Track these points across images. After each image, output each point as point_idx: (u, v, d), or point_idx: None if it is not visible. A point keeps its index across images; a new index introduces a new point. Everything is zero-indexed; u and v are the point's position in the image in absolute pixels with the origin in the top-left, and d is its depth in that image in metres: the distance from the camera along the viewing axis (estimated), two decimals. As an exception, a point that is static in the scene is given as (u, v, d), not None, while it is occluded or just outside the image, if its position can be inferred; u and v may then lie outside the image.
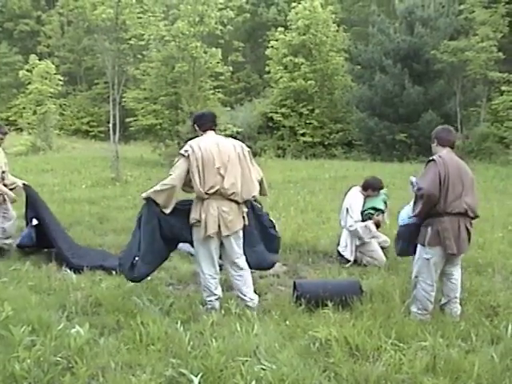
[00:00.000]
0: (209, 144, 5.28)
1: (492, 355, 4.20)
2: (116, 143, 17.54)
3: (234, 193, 5.27)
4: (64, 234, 7.70)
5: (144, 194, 5.39)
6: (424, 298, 5.13)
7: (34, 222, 7.46)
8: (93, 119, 40.19)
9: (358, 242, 7.38)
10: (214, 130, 5.50)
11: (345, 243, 7.44)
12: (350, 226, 7.33)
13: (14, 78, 37.07)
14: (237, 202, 5.35)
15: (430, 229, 5.02)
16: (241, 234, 5.47)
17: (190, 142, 5.35)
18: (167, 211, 5.29)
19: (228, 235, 5.32)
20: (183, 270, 6.80)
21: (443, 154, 5.11)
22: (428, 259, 5.07)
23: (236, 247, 5.45)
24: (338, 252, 7.52)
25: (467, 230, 5.09)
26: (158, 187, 5.27)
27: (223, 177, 5.22)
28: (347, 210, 7.44)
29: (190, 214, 5.37)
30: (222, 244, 5.41)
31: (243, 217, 5.44)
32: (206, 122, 5.49)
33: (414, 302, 5.21)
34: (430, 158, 5.09)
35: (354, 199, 7.51)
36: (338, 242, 7.61)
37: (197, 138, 5.40)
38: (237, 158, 5.33)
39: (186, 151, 5.23)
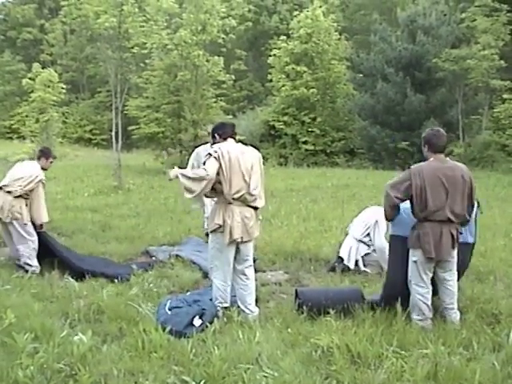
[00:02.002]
0: (234, 149, 5.37)
1: (493, 363, 4.21)
2: (118, 151, 17.59)
3: (255, 199, 5.39)
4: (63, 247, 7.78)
5: (173, 173, 5.35)
6: (419, 301, 5.15)
7: None
8: (95, 127, 40.19)
9: (363, 253, 7.36)
10: (233, 138, 5.56)
11: (347, 254, 7.35)
12: (381, 245, 7.22)
13: (17, 86, 37.11)
14: (255, 209, 5.45)
15: (414, 232, 5.14)
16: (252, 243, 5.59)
17: (217, 145, 5.40)
18: (190, 196, 5.30)
19: (247, 241, 5.42)
20: (185, 277, 6.81)
21: (425, 164, 5.13)
22: (415, 261, 5.16)
23: (250, 254, 5.56)
24: (341, 258, 7.46)
25: (451, 235, 5.09)
26: (190, 173, 5.27)
27: (248, 183, 5.31)
28: (376, 222, 7.32)
29: (209, 220, 5.44)
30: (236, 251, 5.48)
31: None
32: (227, 131, 5.56)
33: (413, 308, 5.24)
34: (409, 167, 5.20)
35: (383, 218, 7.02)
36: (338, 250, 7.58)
37: (221, 143, 5.44)
38: (257, 166, 5.44)
39: (216, 152, 5.25)
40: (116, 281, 6.57)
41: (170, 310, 5.17)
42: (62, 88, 29.19)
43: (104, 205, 12.75)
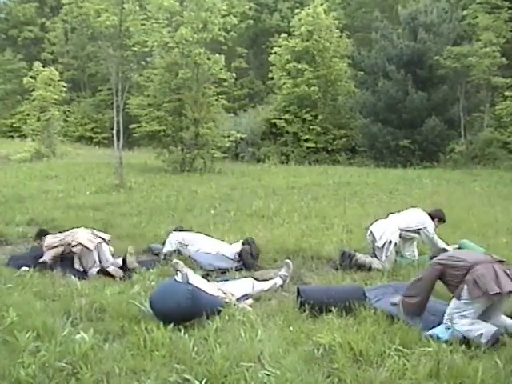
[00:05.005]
0: None
1: (496, 361, 4.20)
2: (120, 150, 17.56)
3: None
4: None
5: None
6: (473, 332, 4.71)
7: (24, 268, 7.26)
8: (97, 126, 40.17)
9: (394, 240, 7.36)
10: None
11: (381, 234, 7.41)
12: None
13: (19, 85, 37.16)
14: None
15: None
16: None
17: None
18: None
19: None
20: (187, 275, 6.80)
21: None
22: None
23: None
24: (341, 254, 7.48)
25: None
26: None
27: None
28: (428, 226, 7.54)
29: None
30: None
31: None
32: None
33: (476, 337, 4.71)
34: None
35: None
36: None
37: None
38: None
39: None
40: (118, 279, 6.57)
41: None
42: (63, 86, 29.26)
43: (105, 203, 12.73)
